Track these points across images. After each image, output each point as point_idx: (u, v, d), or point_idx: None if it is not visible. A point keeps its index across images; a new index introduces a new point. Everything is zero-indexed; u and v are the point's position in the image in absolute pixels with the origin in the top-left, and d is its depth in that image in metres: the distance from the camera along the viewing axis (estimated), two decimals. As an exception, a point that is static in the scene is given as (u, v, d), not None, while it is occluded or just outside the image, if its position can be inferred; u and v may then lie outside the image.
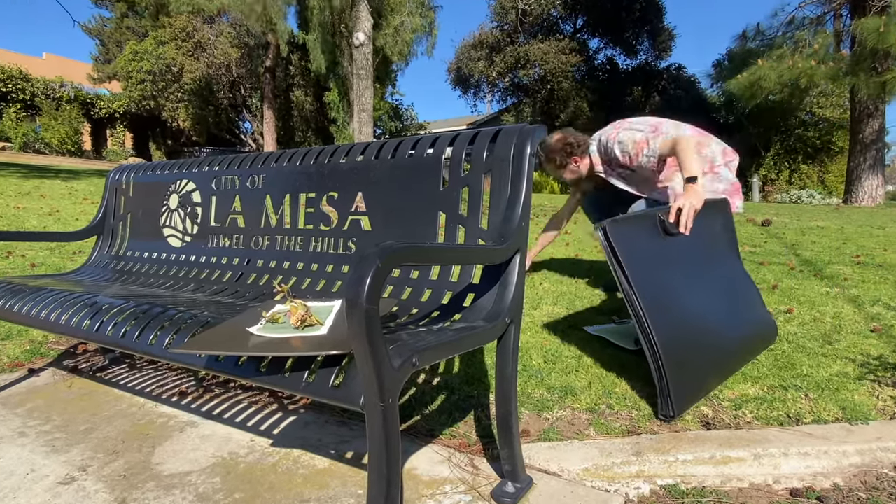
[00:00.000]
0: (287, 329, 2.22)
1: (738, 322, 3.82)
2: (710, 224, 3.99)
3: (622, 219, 3.46)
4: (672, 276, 3.52)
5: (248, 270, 3.57)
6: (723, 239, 4.10)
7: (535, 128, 2.66)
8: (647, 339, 3.22)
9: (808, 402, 3.26)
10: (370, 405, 1.80)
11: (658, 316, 3.26)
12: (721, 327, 3.65)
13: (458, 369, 3.76)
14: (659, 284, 3.40)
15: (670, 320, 3.33)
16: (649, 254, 3.48)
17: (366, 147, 3.27)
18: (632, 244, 3.39)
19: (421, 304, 2.75)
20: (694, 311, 3.51)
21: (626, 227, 3.43)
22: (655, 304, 3.29)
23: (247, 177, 3.76)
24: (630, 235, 3.42)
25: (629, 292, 3.26)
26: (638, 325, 3.26)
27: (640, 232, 3.52)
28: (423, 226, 2.87)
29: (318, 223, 3.34)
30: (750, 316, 3.99)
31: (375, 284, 1.66)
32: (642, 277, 3.32)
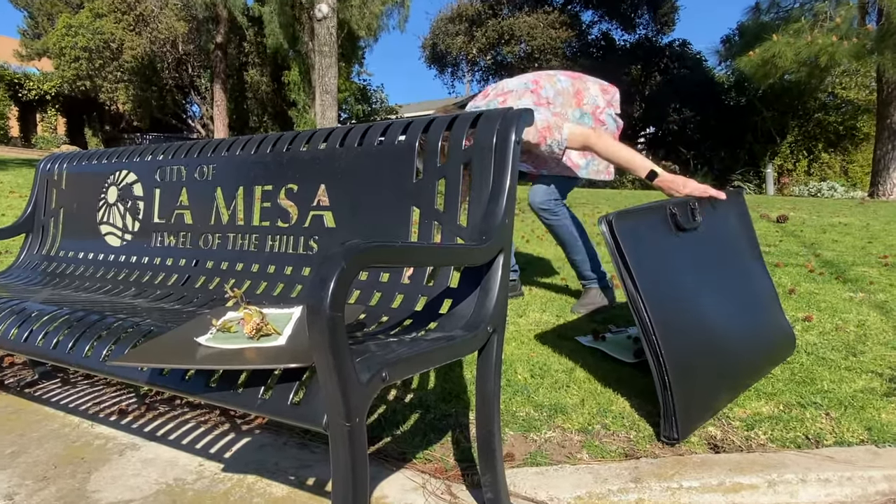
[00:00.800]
0: (240, 339, 2.21)
1: (754, 331, 3.81)
2: (725, 218, 3.99)
3: (630, 212, 3.43)
4: (684, 280, 3.50)
5: (196, 273, 3.57)
6: (741, 235, 4.11)
7: (521, 111, 2.65)
8: (652, 352, 3.18)
9: (830, 422, 3.25)
10: (334, 425, 1.79)
11: (667, 325, 3.23)
12: (735, 338, 3.64)
13: (434, 385, 3.76)
14: (669, 289, 3.38)
15: (680, 330, 3.31)
16: (659, 253, 3.45)
17: (329, 133, 3.26)
18: (640, 241, 3.35)
19: (392, 312, 2.75)
20: (706, 319, 3.50)
21: (634, 222, 3.39)
22: (664, 312, 3.26)
23: (195, 167, 3.76)
24: (639, 231, 3.38)
25: (635, 297, 3.22)
26: (643, 334, 3.22)
27: (649, 227, 3.48)
28: (393, 222, 2.87)
29: (276, 219, 3.34)
30: (767, 324, 3.99)
31: (340, 289, 1.66)
32: (651, 280, 3.28)
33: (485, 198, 2.58)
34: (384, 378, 1.88)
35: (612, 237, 3.26)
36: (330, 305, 1.64)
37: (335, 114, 18.84)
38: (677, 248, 3.55)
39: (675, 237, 3.56)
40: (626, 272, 3.23)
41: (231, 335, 2.26)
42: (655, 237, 3.48)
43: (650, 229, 3.48)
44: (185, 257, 3.67)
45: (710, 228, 3.76)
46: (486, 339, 2.43)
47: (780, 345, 4.02)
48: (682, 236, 3.59)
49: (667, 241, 3.52)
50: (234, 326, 2.32)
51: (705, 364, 3.37)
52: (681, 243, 3.58)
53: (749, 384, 3.64)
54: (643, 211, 3.54)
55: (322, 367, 1.72)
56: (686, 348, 3.28)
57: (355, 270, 1.72)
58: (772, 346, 3.92)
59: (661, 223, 3.55)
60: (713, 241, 3.79)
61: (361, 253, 1.76)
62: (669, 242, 3.53)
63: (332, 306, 1.64)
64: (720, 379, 3.42)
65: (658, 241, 3.48)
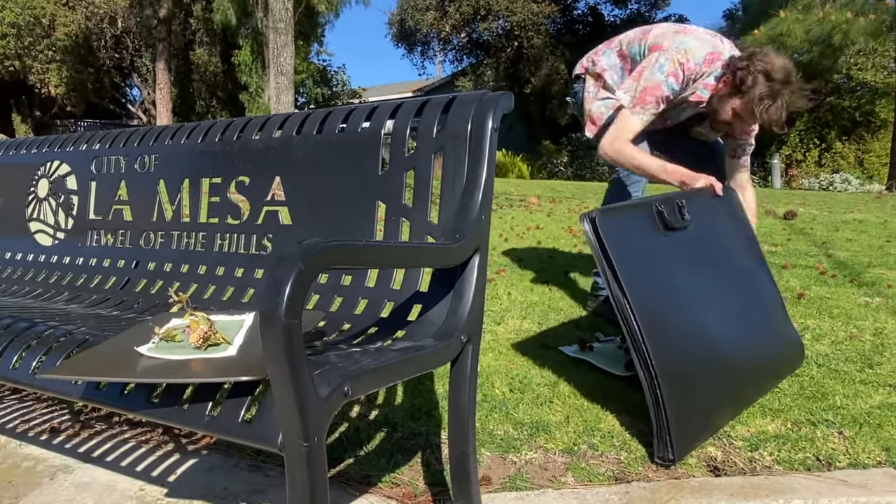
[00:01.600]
0: (186, 349, 2.21)
1: (757, 341, 3.82)
2: (716, 217, 4.02)
3: (614, 209, 3.44)
4: (675, 283, 3.51)
5: (136, 275, 3.57)
6: (737, 236, 4.12)
7: (499, 96, 2.66)
8: (642, 362, 3.18)
9: (843, 442, 3.26)
10: (290, 445, 1.79)
11: (658, 333, 3.23)
12: (736, 348, 3.64)
13: (402, 400, 3.77)
14: (659, 293, 3.39)
15: (673, 338, 3.32)
16: (647, 254, 3.46)
17: (285, 120, 3.27)
18: (626, 241, 3.36)
19: (355, 318, 2.76)
20: (703, 326, 3.51)
21: (619, 219, 3.41)
22: (655, 318, 3.26)
23: (135, 157, 3.75)
24: (624, 230, 3.39)
25: (622, 301, 3.22)
26: (632, 344, 3.22)
27: (635, 226, 3.49)
28: (356, 219, 2.88)
29: (225, 216, 3.34)
30: (772, 333, 4.00)
31: (297, 293, 1.65)
32: (639, 284, 3.28)
33: (458, 192, 2.59)
34: (346, 392, 1.88)
35: (596, 236, 3.27)
36: (285, 311, 1.63)
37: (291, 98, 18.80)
38: (666, 249, 3.56)
39: (664, 237, 3.57)
40: (612, 274, 3.24)
41: (175, 345, 2.27)
42: (642, 237, 3.49)
43: (636, 228, 3.49)
44: (125, 258, 3.67)
45: (702, 228, 3.77)
46: (460, 349, 2.44)
47: (787, 355, 4.02)
48: (671, 236, 3.60)
49: (655, 242, 3.53)
50: (178, 335, 2.32)
51: (703, 377, 3.37)
52: (670, 244, 3.59)
53: (753, 399, 3.64)
54: (628, 208, 3.56)
55: (277, 381, 1.72)
56: (680, 359, 3.29)
57: (314, 272, 1.72)
58: (778, 357, 3.93)
59: (648, 222, 3.56)
60: (706, 241, 3.81)
61: (321, 253, 1.76)
62: (658, 243, 3.54)
63: (287, 312, 1.63)
64: (720, 393, 3.42)
65: (645, 241, 3.49)
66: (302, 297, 1.67)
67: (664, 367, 3.16)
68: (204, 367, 2.05)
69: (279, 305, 1.62)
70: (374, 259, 2.17)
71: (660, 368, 3.14)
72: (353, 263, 2.04)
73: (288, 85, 18.79)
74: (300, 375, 1.72)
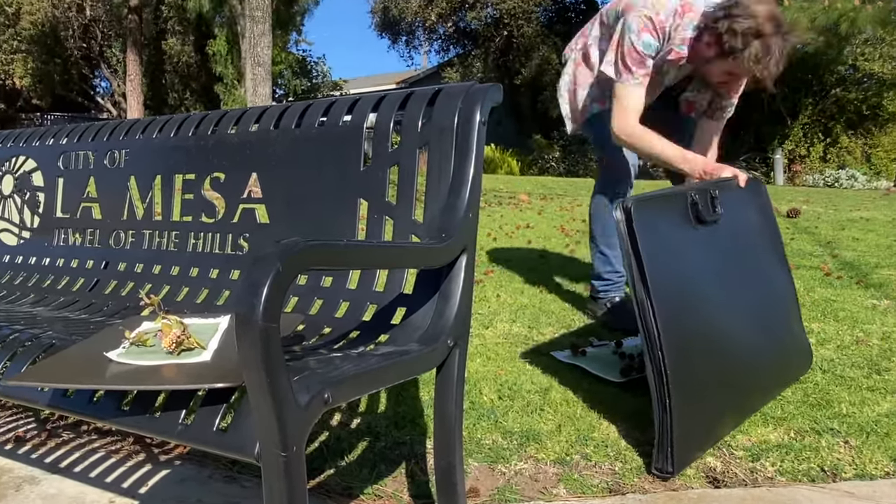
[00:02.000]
0: (157, 354, 2.21)
1: (768, 346, 3.81)
2: (745, 211, 3.99)
3: (650, 198, 3.37)
4: (698, 283, 3.47)
5: (105, 276, 3.57)
6: (764, 230, 4.11)
7: (488, 87, 2.67)
8: (655, 367, 3.14)
9: (849, 451, 3.26)
10: (268, 455, 1.79)
11: (675, 336, 3.19)
12: (748, 353, 3.63)
13: (385, 408, 3.78)
14: (682, 294, 3.36)
15: (688, 345, 3.28)
16: (676, 251, 3.40)
17: (262, 113, 3.27)
18: (658, 235, 3.31)
19: (335, 322, 2.76)
20: (719, 331, 3.48)
21: (655, 211, 3.35)
22: (674, 321, 3.21)
23: (104, 152, 3.75)
24: (658, 223, 3.33)
25: (644, 302, 3.17)
26: (647, 346, 3.17)
27: (668, 218, 3.44)
28: (337, 217, 2.88)
29: (199, 214, 3.34)
30: (784, 337, 4.00)
31: (275, 295, 1.64)
32: (664, 283, 3.22)
33: (444, 189, 2.59)
34: (327, 400, 1.88)
35: (629, 228, 3.20)
36: (263, 315, 1.62)
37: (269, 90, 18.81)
38: (695, 245, 3.52)
39: (694, 231, 3.52)
40: (639, 272, 3.18)
41: (147, 350, 2.26)
42: (673, 231, 3.44)
43: (669, 221, 3.44)
44: (94, 258, 3.66)
45: (731, 222, 3.74)
46: (447, 354, 2.45)
47: (796, 362, 4.04)
48: (701, 230, 3.55)
49: (685, 236, 3.48)
50: (150, 339, 2.32)
51: (712, 384, 3.36)
52: (699, 239, 3.54)
53: (757, 407, 3.64)
54: (664, 198, 3.48)
55: (253, 388, 1.72)
56: (693, 366, 3.27)
57: (293, 274, 1.72)
58: (786, 363, 3.93)
59: (681, 214, 3.50)
60: (733, 237, 3.78)
61: (300, 253, 1.75)
62: (687, 237, 3.49)
63: (265, 315, 1.62)
64: (726, 402, 3.42)
65: (676, 235, 3.44)
66: (280, 300, 1.66)
67: (677, 373, 3.12)
68: (177, 373, 2.05)
69: (256, 308, 1.61)
70: (356, 259, 2.16)
71: (673, 373, 3.10)
72: (334, 264, 2.04)
73: (265, 76, 18.80)
74: (278, 382, 1.71)
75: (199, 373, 2.03)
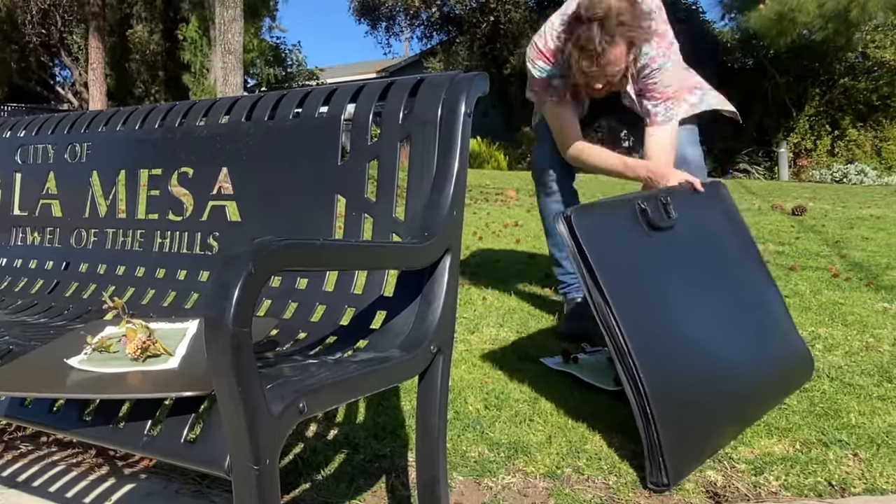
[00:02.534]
0: (122, 361, 2.21)
1: (758, 351, 3.81)
2: (707, 215, 4.03)
3: (592, 206, 3.44)
4: (663, 289, 3.51)
5: (66, 278, 3.56)
6: (732, 233, 4.13)
7: (473, 77, 2.67)
8: (629, 376, 3.17)
9: (858, 464, 3.26)
10: (239, 468, 1.78)
11: (645, 343, 3.23)
12: (736, 358, 3.63)
13: (365, 418, 3.78)
14: (645, 299, 3.39)
15: (663, 348, 3.31)
16: (631, 257, 3.47)
17: (233, 104, 3.27)
18: (607, 243, 3.36)
19: (311, 326, 2.76)
20: (697, 335, 3.51)
21: (598, 219, 3.41)
22: (641, 326, 3.26)
23: (65, 146, 3.74)
24: (604, 230, 3.39)
25: (603, 309, 3.22)
26: (616, 354, 3.21)
27: (617, 225, 3.50)
28: (313, 215, 2.88)
29: (166, 211, 3.34)
30: (775, 342, 3.99)
31: (247, 298, 1.63)
32: (622, 289, 3.28)
33: (427, 185, 2.59)
34: (302, 409, 1.87)
35: (573, 237, 3.28)
36: (233, 319, 1.60)
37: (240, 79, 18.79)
38: (652, 251, 3.57)
39: (648, 237, 3.58)
40: (591, 279, 3.25)
41: (110, 356, 2.26)
42: (625, 237, 3.50)
43: (618, 228, 3.51)
44: (53, 258, 3.66)
45: (691, 227, 3.79)
46: (429, 360, 2.45)
47: (794, 367, 4.02)
48: (657, 237, 3.61)
49: (639, 243, 3.54)
50: (114, 345, 2.32)
51: (699, 391, 3.38)
52: (656, 245, 3.60)
53: (757, 416, 3.64)
54: (607, 206, 3.56)
55: (224, 396, 1.70)
56: (672, 371, 3.30)
57: (266, 275, 1.71)
58: (783, 369, 3.93)
59: (630, 221, 3.56)
60: (697, 241, 3.82)
61: (273, 253, 1.75)
62: (642, 244, 3.55)
63: (236, 320, 1.61)
64: (719, 410, 3.42)
65: (628, 242, 3.51)
66: (252, 303, 1.66)
67: (654, 381, 3.16)
68: (142, 380, 2.05)
69: (226, 312, 1.60)
70: (333, 260, 2.16)
71: (649, 382, 3.14)
72: (310, 265, 2.04)
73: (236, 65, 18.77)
74: (250, 390, 1.70)
75: (165, 381, 2.03)
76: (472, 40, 40.89)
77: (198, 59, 32.74)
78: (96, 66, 33.08)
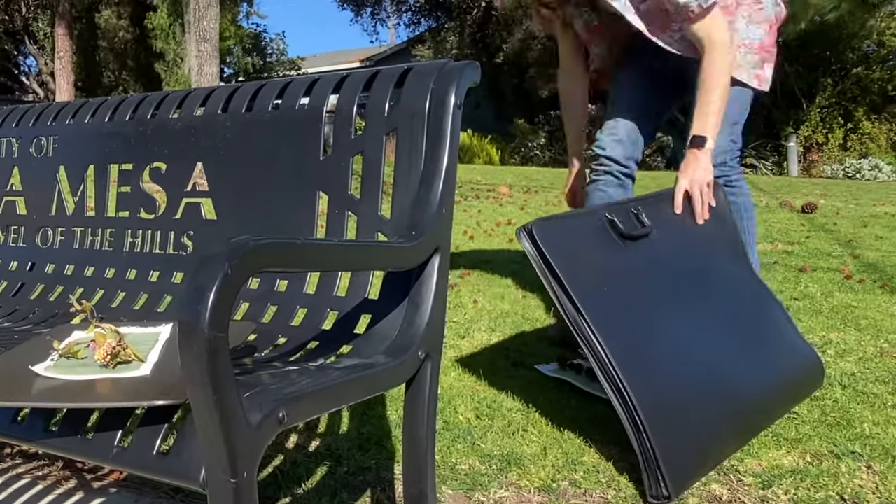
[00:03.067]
0: (90, 368, 2.21)
1: (758, 358, 3.81)
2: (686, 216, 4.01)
3: (553, 218, 3.45)
4: (645, 299, 3.53)
5: (31, 279, 3.56)
6: (719, 241, 4.13)
7: (464, 66, 2.67)
8: (613, 387, 3.19)
9: (872, 477, 3.25)
10: (215, 482, 1.78)
11: (627, 351, 3.24)
12: (731, 366, 3.63)
13: (348, 428, 3.78)
14: (626, 308, 3.42)
15: (648, 356, 3.34)
16: (602, 268, 3.49)
17: (209, 94, 3.27)
18: (575, 254, 3.40)
19: (292, 331, 2.75)
20: (686, 344, 3.52)
21: (563, 230, 3.45)
22: (621, 334, 3.28)
23: (30, 139, 3.74)
24: (571, 241, 3.43)
25: (576, 318, 3.26)
26: (597, 365, 3.24)
27: (582, 238, 3.52)
28: (293, 213, 2.88)
29: (138, 209, 3.33)
30: (777, 349, 3.99)
31: (223, 301, 1.62)
32: (595, 298, 3.31)
33: (415, 180, 2.59)
34: (281, 419, 1.87)
35: (536, 249, 3.30)
36: (209, 323, 1.59)
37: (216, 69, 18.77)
38: (627, 262, 3.59)
39: (622, 248, 3.60)
40: (561, 289, 3.28)
41: (78, 362, 2.26)
42: (595, 249, 3.52)
43: (586, 240, 3.53)
44: (18, 259, 3.66)
45: (670, 233, 3.80)
46: (417, 367, 2.45)
47: (801, 375, 4.02)
48: (631, 247, 3.62)
49: (611, 254, 3.56)
50: (82, 351, 2.32)
51: (694, 399, 3.38)
52: (630, 255, 3.61)
53: (764, 426, 3.64)
54: (572, 217, 3.60)
55: (199, 405, 1.70)
56: (661, 379, 3.32)
57: (243, 276, 1.70)
58: (789, 377, 3.92)
59: (599, 232, 3.58)
60: (677, 249, 3.83)
61: (251, 253, 1.73)
62: (615, 255, 3.57)
63: (211, 324, 1.60)
64: (720, 419, 3.42)
65: (599, 253, 3.52)
66: (229, 306, 1.65)
67: (640, 389, 3.17)
68: (112, 388, 2.05)
69: (201, 315, 1.59)
70: (315, 260, 2.15)
71: (634, 390, 3.15)
72: (290, 265, 2.04)
73: (212, 53, 18.75)
74: (226, 399, 1.69)
75: (137, 389, 2.03)
76: (462, 27, 40.90)
77: (170, 47, 32.67)
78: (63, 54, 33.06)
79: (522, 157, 34.49)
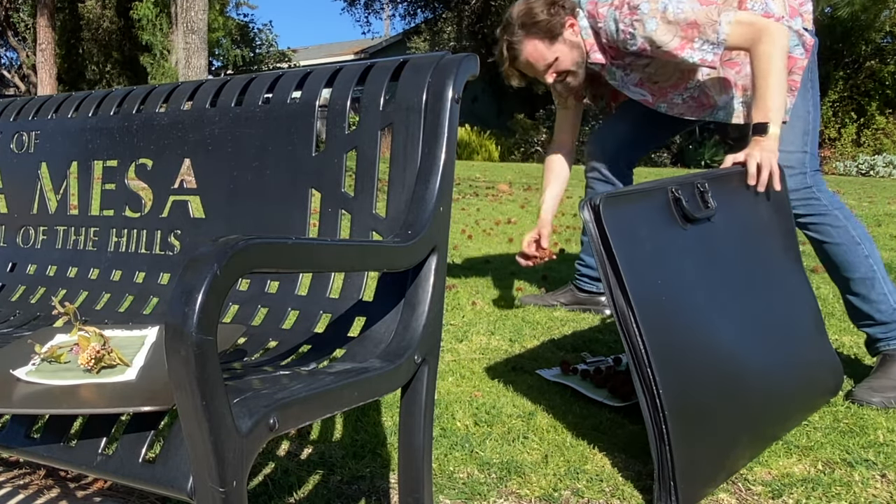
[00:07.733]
0: (74, 372, 2.20)
1: (786, 364, 3.78)
2: (752, 205, 3.95)
3: (622, 195, 3.36)
4: (693, 292, 3.45)
5: (12, 280, 3.56)
6: (774, 231, 4.07)
7: (462, 58, 2.67)
8: (646, 390, 3.12)
9: (887, 486, 3.26)
10: (203, 491, 1.77)
11: (667, 354, 3.17)
12: (761, 373, 3.59)
13: (342, 435, 3.77)
14: (672, 304, 3.34)
15: (687, 363, 3.27)
16: (660, 254, 3.39)
17: (196, 88, 3.26)
18: (635, 237, 3.30)
19: (283, 334, 2.75)
20: (723, 347, 3.46)
21: (628, 209, 3.34)
22: (664, 336, 3.21)
23: (11, 135, 3.74)
24: (634, 222, 3.32)
25: (626, 314, 3.16)
26: (635, 366, 3.16)
27: (647, 217, 3.41)
28: (285, 211, 2.88)
29: (123, 207, 3.33)
30: (805, 354, 3.96)
31: (212, 303, 1.62)
32: (648, 292, 3.23)
33: (411, 177, 2.59)
34: (272, 426, 1.86)
35: (599, 229, 3.20)
36: (197, 326, 1.59)
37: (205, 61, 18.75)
38: (685, 247, 3.50)
39: (682, 231, 3.51)
40: (616, 279, 3.18)
41: (61, 366, 2.26)
42: (655, 232, 3.42)
43: (648, 221, 3.42)
44: (-3, 259, 3.65)
45: (730, 218, 3.72)
46: (413, 371, 2.45)
47: (822, 381, 4.01)
48: (691, 230, 3.53)
49: (671, 238, 3.46)
50: (64, 355, 2.31)
51: (719, 409, 3.34)
52: (689, 240, 3.52)
53: (778, 435, 3.63)
54: (638, 194, 3.47)
55: (186, 412, 1.69)
56: (694, 388, 3.26)
57: (233, 277, 1.69)
58: (811, 383, 3.91)
59: (663, 212, 3.48)
60: (733, 235, 3.75)
61: (241, 253, 1.72)
62: (674, 239, 3.47)
63: (199, 327, 1.59)
64: (739, 429, 3.39)
65: (659, 237, 3.42)
66: (217, 308, 1.64)
67: (673, 399, 3.10)
68: (96, 394, 2.04)
69: (189, 318, 1.58)
70: (307, 260, 2.14)
71: (668, 400, 3.08)
72: (281, 266, 2.04)
73: (200, 45, 18.72)
74: (215, 405, 1.68)
75: (122, 394, 2.03)
76: (459, 18, 40.83)
77: (157, 39, 32.59)
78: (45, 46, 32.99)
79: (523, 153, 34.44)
